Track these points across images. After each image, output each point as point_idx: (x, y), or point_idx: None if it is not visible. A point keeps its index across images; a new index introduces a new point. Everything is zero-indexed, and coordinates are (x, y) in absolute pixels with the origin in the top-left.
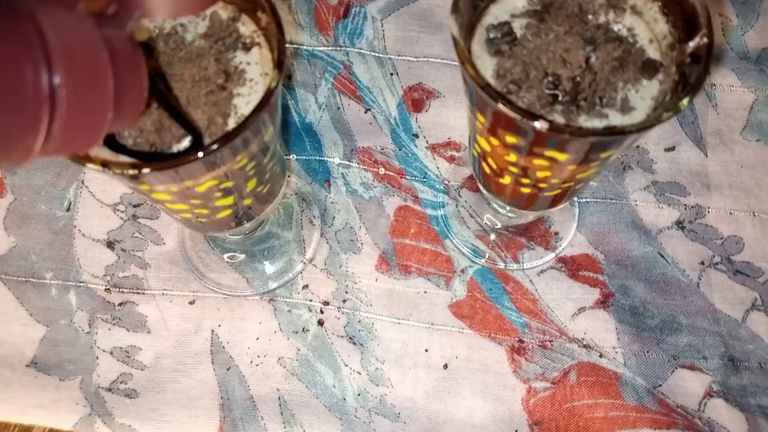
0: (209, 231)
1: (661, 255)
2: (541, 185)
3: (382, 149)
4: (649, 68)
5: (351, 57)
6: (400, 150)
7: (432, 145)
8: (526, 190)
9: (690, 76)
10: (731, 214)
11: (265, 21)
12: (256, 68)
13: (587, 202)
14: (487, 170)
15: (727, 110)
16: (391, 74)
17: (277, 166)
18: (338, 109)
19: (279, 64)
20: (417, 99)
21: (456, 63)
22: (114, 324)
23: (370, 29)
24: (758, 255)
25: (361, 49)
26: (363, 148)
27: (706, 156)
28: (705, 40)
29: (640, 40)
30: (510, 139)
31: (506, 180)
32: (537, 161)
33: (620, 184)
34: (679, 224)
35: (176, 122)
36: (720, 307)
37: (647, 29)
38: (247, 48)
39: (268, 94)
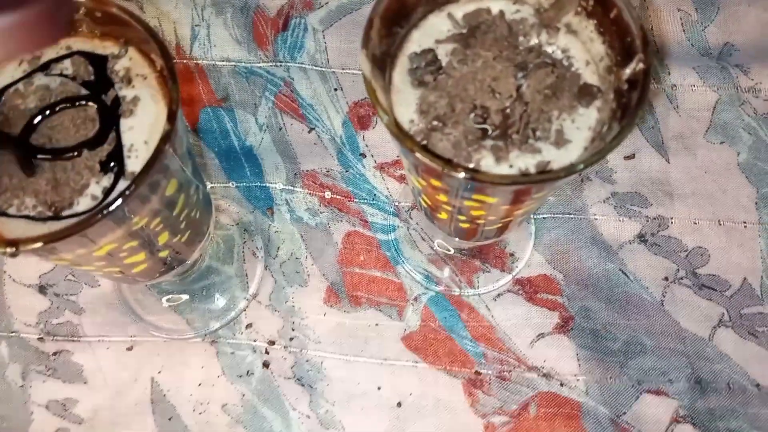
0: (134, 282)
1: (623, 272)
2: (479, 221)
3: (327, 171)
4: (586, 94)
5: (292, 72)
6: (346, 171)
7: (380, 165)
8: (465, 225)
9: (629, 104)
10: (695, 223)
11: (159, 64)
12: (149, 101)
13: (544, 218)
14: (425, 204)
15: (689, 111)
16: (335, 89)
17: (196, 210)
18: (280, 129)
19: (170, 115)
20: (363, 116)
21: None
22: (49, 375)
23: (311, 41)
24: (724, 266)
25: (303, 63)
26: (307, 171)
27: (668, 162)
28: (641, 65)
29: (576, 63)
30: (435, 182)
31: (443, 216)
32: (468, 203)
33: (578, 197)
34: (642, 237)
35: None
36: (686, 326)
37: (584, 50)
38: (126, 81)
39: (156, 154)
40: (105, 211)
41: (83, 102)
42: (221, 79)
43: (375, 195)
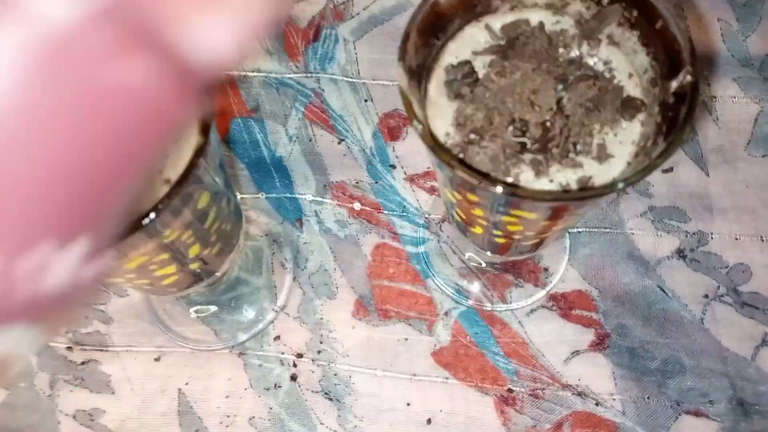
0: (163, 294)
1: (661, 288)
2: (515, 237)
3: (357, 183)
4: (630, 108)
5: (322, 84)
6: (376, 183)
7: (410, 176)
8: (500, 240)
9: (675, 118)
10: (737, 239)
11: None
12: None
13: (579, 232)
14: (458, 218)
15: (729, 124)
16: (366, 100)
17: (227, 222)
18: (310, 140)
19: (203, 128)
20: (393, 127)
21: None
22: (76, 385)
23: (342, 53)
24: (767, 284)
25: (333, 74)
26: (337, 182)
27: (708, 176)
28: (689, 78)
29: (618, 75)
30: (471, 197)
31: (478, 230)
32: (504, 218)
33: (615, 212)
34: (680, 253)
35: None
36: (727, 345)
37: (626, 62)
38: None
39: (190, 167)
40: (137, 225)
41: None
42: (252, 89)
43: (405, 207)
